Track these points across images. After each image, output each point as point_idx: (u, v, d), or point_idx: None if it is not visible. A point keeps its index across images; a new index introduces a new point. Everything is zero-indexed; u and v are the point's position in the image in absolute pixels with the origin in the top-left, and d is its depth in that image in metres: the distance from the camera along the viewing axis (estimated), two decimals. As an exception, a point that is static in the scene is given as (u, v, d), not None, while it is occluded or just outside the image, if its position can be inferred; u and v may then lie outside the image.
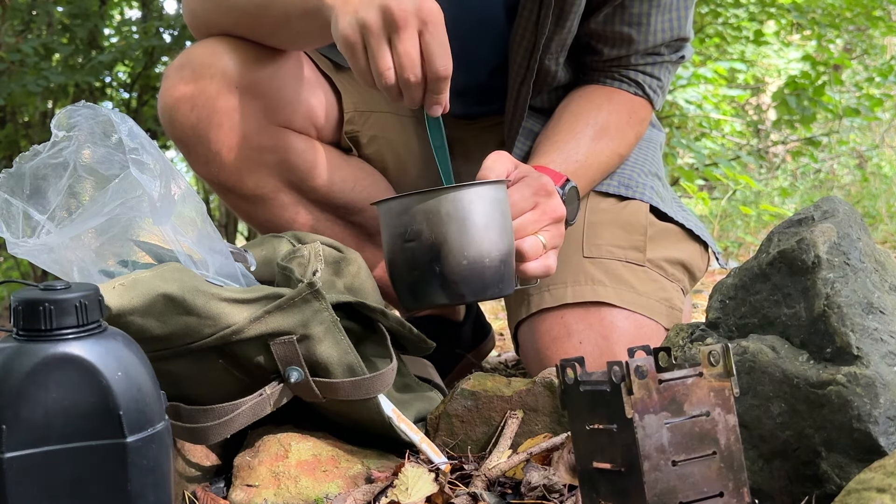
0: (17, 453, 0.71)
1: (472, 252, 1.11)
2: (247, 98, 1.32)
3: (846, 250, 0.92)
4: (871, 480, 0.73)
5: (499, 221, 1.13)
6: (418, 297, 1.14)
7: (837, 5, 4.92)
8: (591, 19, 1.45)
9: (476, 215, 1.11)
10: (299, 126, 1.39)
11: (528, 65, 1.43)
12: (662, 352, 0.81)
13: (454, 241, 1.11)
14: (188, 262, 1.05)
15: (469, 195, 1.12)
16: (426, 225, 1.11)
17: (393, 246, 1.15)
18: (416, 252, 1.12)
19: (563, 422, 1.10)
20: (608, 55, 1.47)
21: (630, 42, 1.45)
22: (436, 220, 1.11)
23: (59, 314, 0.72)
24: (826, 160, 6.54)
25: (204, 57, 1.32)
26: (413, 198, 1.12)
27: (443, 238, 1.11)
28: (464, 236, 1.11)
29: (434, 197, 1.11)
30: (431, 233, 1.11)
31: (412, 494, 0.98)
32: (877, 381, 0.84)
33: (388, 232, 1.15)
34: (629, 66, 1.48)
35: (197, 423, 1.03)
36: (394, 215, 1.14)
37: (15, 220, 0.99)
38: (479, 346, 1.70)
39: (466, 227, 1.11)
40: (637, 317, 1.32)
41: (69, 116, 1.02)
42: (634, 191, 1.45)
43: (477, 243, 1.11)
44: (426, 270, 1.12)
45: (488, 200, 1.13)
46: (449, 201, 1.11)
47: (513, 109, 1.48)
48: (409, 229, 1.12)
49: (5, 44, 4.34)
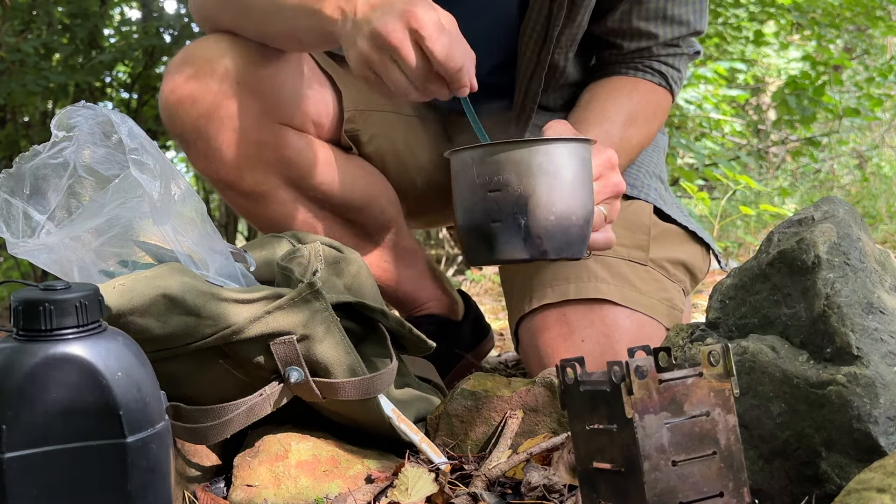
0: (17, 453, 0.71)
1: (561, 207, 1.07)
2: (248, 96, 1.32)
3: (846, 250, 0.92)
4: (871, 480, 0.73)
5: (586, 181, 1.10)
6: (495, 250, 1.09)
7: (837, 5, 4.92)
8: (607, 17, 1.46)
9: (567, 171, 1.08)
10: (299, 124, 1.39)
11: (537, 59, 1.44)
12: (662, 352, 0.81)
13: (543, 195, 1.07)
14: (188, 263, 1.05)
15: (563, 149, 1.08)
16: (515, 175, 1.07)
17: (472, 195, 1.10)
18: (501, 202, 1.07)
19: (563, 422, 1.10)
20: (628, 48, 1.48)
21: (649, 36, 1.46)
22: (526, 171, 1.07)
23: (59, 314, 0.72)
24: (826, 160, 6.54)
25: (206, 54, 1.33)
26: (502, 146, 1.08)
27: (531, 190, 1.07)
28: (553, 191, 1.07)
29: (526, 147, 1.07)
30: (520, 184, 1.07)
31: (412, 494, 0.98)
32: (877, 381, 0.84)
33: (465, 181, 1.11)
34: (651, 57, 1.48)
35: (197, 423, 1.03)
36: (477, 163, 1.09)
37: (15, 220, 0.99)
38: (478, 345, 1.70)
39: (557, 181, 1.07)
40: (639, 316, 1.32)
41: (69, 116, 1.02)
42: (639, 190, 1.45)
43: (566, 199, 1.08)
44: (510, 223, 1.08)
45: (578, 158, 1.10)
46: (541, 153, 1.07)
47: (521, 104, 1.48)
48: (495, 178, 1.07)
49: (5, 44, 4.34)
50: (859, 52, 6.42)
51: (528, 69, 1.45)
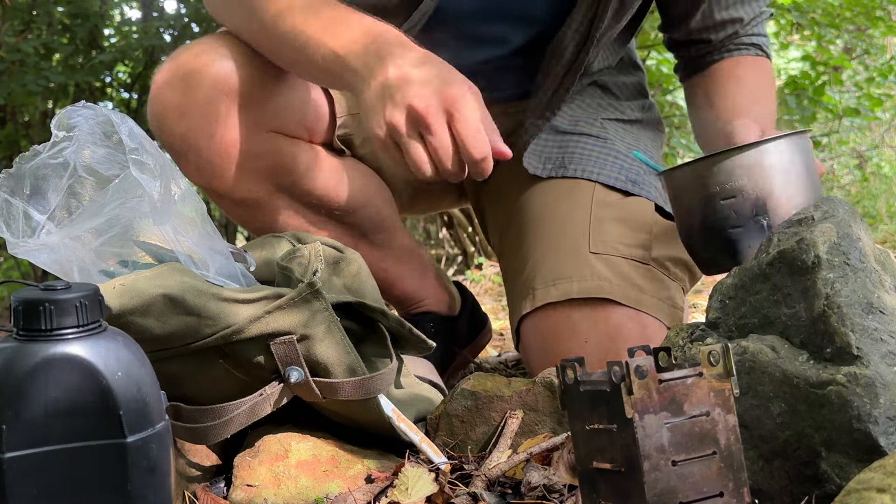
0: (17, 453, 0.71)
1: (800, 201, 1.09)
2: (237, 105, 1.31)
3: (846, 250, 0.92)
4: (871, 480, 0.73)
5: (812, 170, 1.13)
6: (740, 254, 1.11)
7: (837, 5, 4.91)
8: (688, 21, 1.49)
9: (797, 165, 1.11)
10: (291, 131, 1.39)
11: (575, 58, 1.45)
12: (662, 352, 0.81)
13: (781, 192, 1.09)
14: (188, 263, 1.05)
15: (789, 145, 1.11)
16: (748, 179, 1.09)
17: (703, 207, 1.12)
18: (738, 208, 1.10)
19: (563, 422, 1.10)
20: (716, 39, 1.51)
21: (734, 22, 1.50)
22: (759, 173, 1.09)
23: (59, 314, 0.72)
24: (826, 160, 6.54)
25: (194, 63, 1.31)
26: (728, 153, 1.10)
27: (769, 190, 1.09)
28: (790, 186, 1.09)
29: (754, 149, 1.10)
30: (755, 187, 1.09)
31: (412, 494, 0.98)
32: (877, 381, 0.84)
33: (692, 196, 1.13)
34: (741, 36, 1.51)
35: (197, 423, 1.03)
36: (700, 177, 1.11)
37: (15, 220, 0.99)
38: (476, 337, 1.70)
39: (792, 176, 1.10)
40: (642, 316, 1.32)
41: (69, 116, 1.02)
42: (641, 188, 1.45)
43: (802, 192, 1.10)
44: (751, 226, 1.10)
45: (803, 150, 1.12)
46: (772, 153, 1.10)
47: (548, 99, 1.49)
48: (727, 186, 1.10)
49: (5, 44, 4.33)
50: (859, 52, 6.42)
51: (561, 66, 1.46)
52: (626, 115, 1.60)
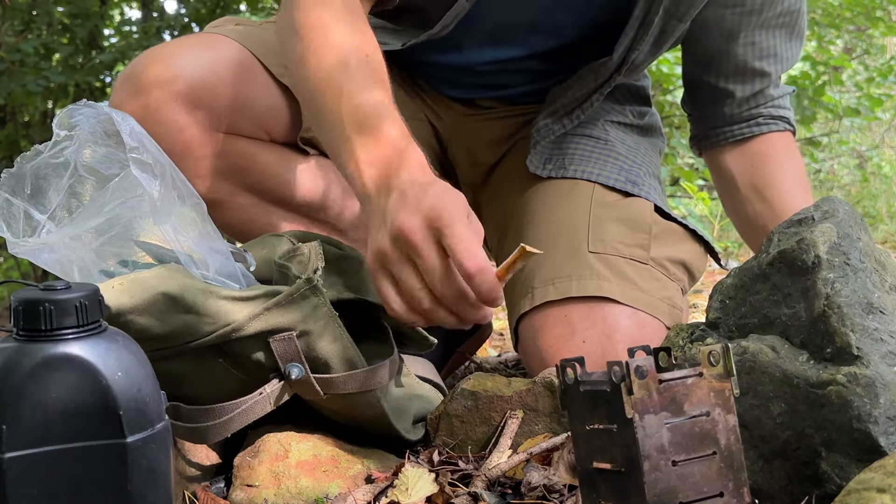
0: (17, 453, 0.71)
1: None
2: (188, 108, 1.32)
3: (846, 250, 0.92)
4: (871, 480, 0.73)
5: None
6: None
7: (837, 5, 4.91)
8: (718, 62, 1.51)
9: None
10: (249, 132, 1.39)
11: (607, 80, 1.48)
12: (662, 352, 0.81)
13: None
14: (188, 262, 1.05)
15: None
16: None
17: None
18: None
19: (563, 422, 1.10)
20: (742, 94, 1.52)
21: (765, 77, 1.52)
22: None
23: (59, 314, 0.72)
24: (826, 160, 6.54)
25: (147, 68, 1.32)
26: None
27: None
28: None
29: None
30: None
31: (412, 494, 0.98)
32: (877, 381, 0.84)
33: None
34: (768, 103, 1.53)
35: (197, 422, 1.03)
36: None
37: (16, 219, 0.99)
38: (475, 333, 1.69)
39: None
40: (640, 316, 1.32)
41: (70, 115, 1.02)
42: (640, 188, 1.46)
43: None
44: None
45: None
46: None
47: (571, 109, 1.51)
48: None
49: (5, 44, 4.33)
50: (859, 53, 6.42)
51: (595, 86, 1.49)
52: (627, 119, 1.62)
